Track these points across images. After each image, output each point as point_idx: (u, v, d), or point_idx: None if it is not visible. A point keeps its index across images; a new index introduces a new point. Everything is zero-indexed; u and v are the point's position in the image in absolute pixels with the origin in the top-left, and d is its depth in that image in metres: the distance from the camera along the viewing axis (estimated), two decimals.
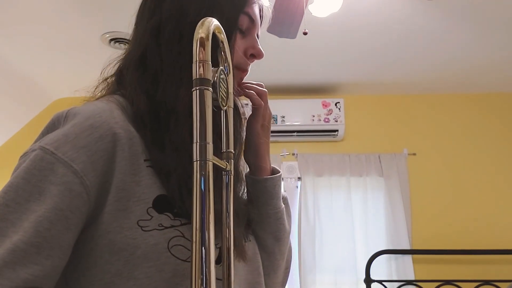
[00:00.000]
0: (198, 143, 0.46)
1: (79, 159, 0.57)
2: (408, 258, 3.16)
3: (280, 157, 3.38)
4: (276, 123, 3.30)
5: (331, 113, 3.32)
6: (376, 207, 3.26)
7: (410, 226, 3.22)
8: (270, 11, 0.81)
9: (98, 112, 0.61)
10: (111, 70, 0.75)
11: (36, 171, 0.56)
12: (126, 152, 0.60)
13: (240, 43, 0.73)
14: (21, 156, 0.61)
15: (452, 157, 3.39)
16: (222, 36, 0.56)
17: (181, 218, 0.61)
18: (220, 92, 0.53)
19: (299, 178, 3.34)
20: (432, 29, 2.60)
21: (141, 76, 0.69)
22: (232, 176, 0.57)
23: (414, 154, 3.39)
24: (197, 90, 0.47)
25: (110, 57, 0.76)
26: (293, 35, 2.16)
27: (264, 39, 0.78)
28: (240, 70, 0.75)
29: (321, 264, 3.14)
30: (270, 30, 2.12)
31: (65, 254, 0.57)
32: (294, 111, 3.33)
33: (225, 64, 0.59)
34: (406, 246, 3.15)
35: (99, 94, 0.73)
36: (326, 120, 3.31)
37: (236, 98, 0.75)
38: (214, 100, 0.51)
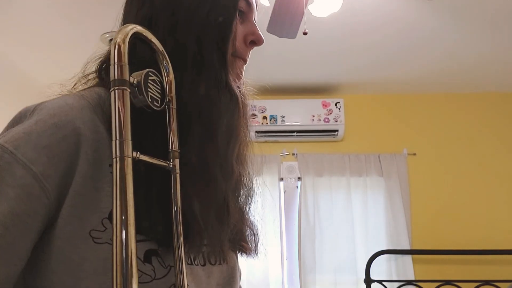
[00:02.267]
0: (117, 140, 0.47)
1: (39, 160, 0.53)
2: (408, 258, 3.16)
3: (280, 157, 3.38)
4: (276, 123, 3.30)
5: (331, 113, 3.32)
6: (376, 207, 3.27)
7: (410, 226, 3.22)
8: (268, 8, 0.78)
9: (65, 110, 0.57)
10: (94, 66, 0.70)
11: None
12: (89, 155, 0.56)
13: (239, 30, 0.69)
14: None
15: (452, 157, 3.39)
16: (151, 36, 0.56)
17: (138, 234, 0.52)
18: (150, 93, 0.53)
19: (299, 178, 3.34)
20: (433, 28, 2.60)
21: (130, 69, 0.65)
22: (177, 174, 0.56)
23: (414, 154, 3.39)
24: (115, 91, 0.48)
25: (91, 54, 0.71)
26: (293, 35, 2.15)
27: (264, 39, 0.75)
28: (241, 58, 0.71)
29: (321, 264, 3.14)
30: (270, 30, 2.12)
31: (22, 260, 0.53)
32: (294, 111, 3.33)
33: (164, 63, 0.58)
34: (406, 246, 3.15)
35: (79, 88, 0.68)
36: (326, 120, 3.31)
37: (239, 86, 0.71)
38: (142, 100, 0.52)
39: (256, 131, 3.30)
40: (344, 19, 2.49)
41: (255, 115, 3.30)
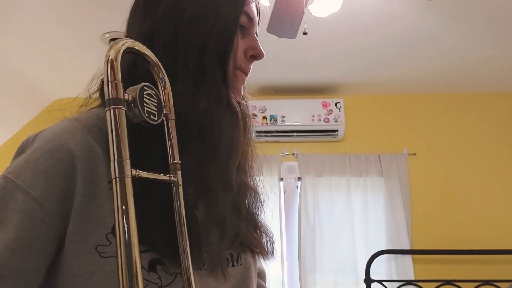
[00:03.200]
0: (116, 161, 0.47)
1: (37, 184, 0.56)
2: (408, 258, 3.16)
3: (280, 157, 3.39)
4: (276, 123, 3.30)
5: (331, 113, 3.32)
6: (376, 207, 3.27)
7: (410, 226, 3.22)
8: (267, 8, 0.79)
9: (58, 135, 0.60)
10: (96, 84, 0.70)
11: None
12: (86, 175, 0.58)
13: (240, 44, 0.69)
14: None
15: (452, 157, 3.39)
16: (144, 49, 0.56)
17: (141, 245, 0.54)
18: (146, 108, 0.53)
19: (299, 178, 3.34)
20: (433, 29, 2.60)
21: (131, 85, 0.65)
22: (180, 187, 0.56)
23: (414, 154, 3.39)
24: (110, 110, 0.49)
25: (97, 70, 0.70)
26: (293, 35, 2.16)
27: (264, 39, 0.75)
28: (242, 71, 0.72)
29: (321, 264, 3.14)
30: (270, 30, 2.12)
31: (34, 279, 0.56)
32: (294, 111, 3.33)
33: (160, 75, 0.58)
34: (406, 246, 3.15)
35: (83, 109, 0.70)
36: (326, 120, 3.31)
37: (239, 101, 0.71)
38: (139, 116, 0.52)
39: (256, 131, 3.29)
40: (344, 19, 2.50)
41: (255, 115, 3.30)
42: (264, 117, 3.31)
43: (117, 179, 0.47)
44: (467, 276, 3.02)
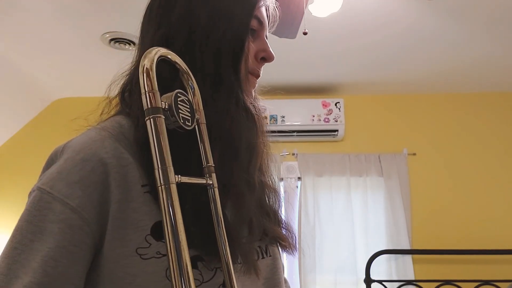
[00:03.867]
0: (160, 168, 0.49)
1: (74, 194, 0.58)
2: (408, 258, 3.16)
3: (280, 157, 3.39)
4: (276, 123, 3.30)
5: (331, 113, 3.32)
6: (376, 207, 3.26)
7: (410, 226, 3.22)
8: (277, 10, 0.80)
9: (88, 144, 0.61)
10: (115, 88, 0.72)
11: (36, 211, 0.58)
12: (119, 181, 0.60)
13: (251, 47, 0.72)
14: (29, 194, 0.62)
15: (452, 157, 3.39)
16: (175, 57, 0.58)
17: None
18: (181, 114, 0.55)
19: (299, 178, 3.34)
20: (433, 29, 2.60)
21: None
22: (215, 189, 0.59)
23: (414, 154, 3.39)
24: (150, 119, 0.50)
25: (115, 74, 0.72)
26: (293, 35, 2.16)
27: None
28: (254, 75, 0.74)
29: (321, 264, 3.14)
30: (270, 30, 2.12)
31: (76, 286, 0.58)
32: (294, 111, 3.33)
33: (189, 82, 0.60)
34: (406, 246, 3.15)
35: (104, 117, 0.71)
36: (326, 120, 3.31)
37: (253, 103, 0.73)
38: (175, 122, 0.54)
39: None
40: (344, 19, 2.50)
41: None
42: (264, 117, 3.31)
43: (163, 186, 0.49)
44: (467, 276, 3.02)
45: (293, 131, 3.34)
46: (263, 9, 0.74)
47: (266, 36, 0.75)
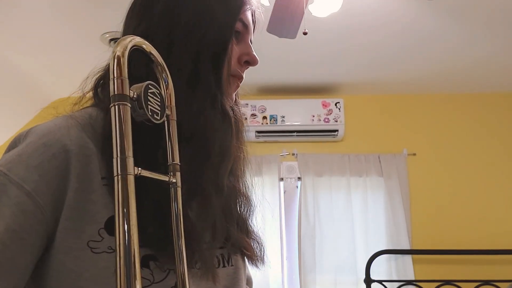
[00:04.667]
0: (118, 157, 0.47)
1: (31, 178, 0.56)
2: (408, 258, 3.16)
3: (280, 157, 3.39)
4: (276, 123, 3.30)
5: (331, 113, 3.32)
6: (376, 207, 3.27)
7: (410, 226, 3.22)
8: (262, 15, 0.78)
9: (53, 130, 0.60)
10: (90, 84, 0.70)
11: None
12: (79, 170, 0.58)
13: (234, 50, 0.71)
14: None
15: (452, 157, 3.39)
16: (150, 47, 0.56)
17: None
18: (150, 106, 0.53)
19: (299, 178, 3.34)
20: (432, 29, 2.60)
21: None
22: (178, 189, 0.56)
23: (414, 154, 3.39)
24: (115, 106, 0.48)
25: (90, 70, 0.71)
26: (293, 35, 2.15)
27: (264, 39, 0.76)
28: (236, 77, 0.73)
29: (321, 264, 3.14)
30: (270, 30, 2.12)
31: (23, 275, 0.56)
32: (294, 111, 3.33)
33: (163, 75, 0.58)
34: (406, 246, 3.15)
35: (76, 108, 0.69)
36: (326, 120, 3.31)
37: (232, 106, 0.72)
38: (142, 114, 0.52)
39: (256, 131, 3.30)
40: (344, 19, 2.49)
41: (255, 115, 3.30)
42: (264, 117, 3.31)
43: (119, 176, 0.46)
44: (467, 276, 3.02)
45: (293, 131, 3.34)
46: (249, 13, 0.73)
47: (251, 40, 0.74)
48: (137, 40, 0.54)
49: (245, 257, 0.74)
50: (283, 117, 3.32)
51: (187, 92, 0.65)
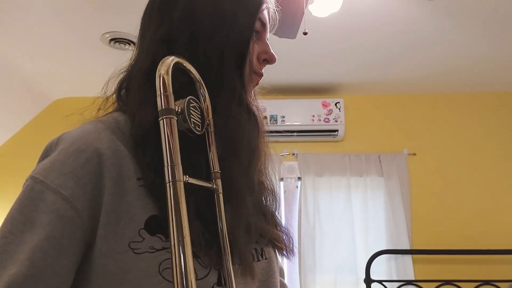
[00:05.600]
0: (169, 166, 0.51)
1: (67, 184, 0.57)
2: (408, 258, 3.16)
3: (280, 157, 3.39)
4: (276, 123, 3.30)
5: (331, 113, 3.32)
6: (376, 207, 3.26)
7: (410, 226, 3.22)
8: (277, 13, 0.81)
9: (84, 136, 0.61)
10: (112, 86, 0.72)
11: (28, 201, 0.57)
12: (114, 173, 0.59)
13: (254, 48, 0.72)
14: (23, 184, 0.61)
15: (452, 157, 3.39)
16: (189, 66, 0.61)
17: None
18: (192, 119, 0.58)
19: (299, 178, 3.34)
20: (433, 29, 2.60)
21: (149, 89, 0.62)
22: (220, 195, 0.61)
23: (414, 154, 3.39)
24: (163, 120, 0.53)
25: (112, 72, 0.72)
26: (293, 35, 2.16)
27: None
28: (257, 74, 0.75)
29: (321, 264, 3.14)
30: (271, 32, 2.12)
31: (65, 281, 0.56)
32: (294, 111, 3.33)
33: (201, 91, 0.63)
34: (406, 246, 3.15)
35: (101, 113, 0.71)
36: (326, 120, 3.31)
37: (255, 104, 0.74)
38: (186, 126, 0.58)
39: None
40: (344, 19, 2.50)
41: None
42: (264, 117, 3.31)
43: (170, 182, 0.51)
44: (467, 276, 3.02)
45: (293, 131, 3.34)
46: (266, 12, 0.74)
47: (267, 38, 0.76)
48: (178, 59, 0.59)
49: (276, 249, 0.75)
50: (283, 117, 3.32)
51: (213, 92, 0.66)
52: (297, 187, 3.35)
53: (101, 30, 2.59)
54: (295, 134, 3.36)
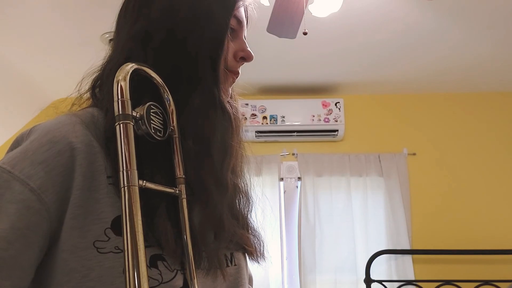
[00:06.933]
0: (124, 170, 0.52)
1: (36, 175, 0.55)
2: (408, 258, 3.16)
3: (280, 157, 3.39)
4: (276, 123, 3.30)
5: (331, 113, 3.32)
6: (376, 207, 3.26)
7: (410, 226, 3.22)
8: (255, 11, 0.78)
9: (58, 127, 0.59)
10: (87, 84, 0.71)
11: None
12: (85, 168, 0.58)
13: (230, 46, 0.71)
14: None
15: (452, 157, 3.39)
16: (150, 71, 0.61)
17: (145, 241, 0.56)
18: (153, 125, 0.58)
19: (299, 178, 3.34)
20: (432, 28, 2.60)
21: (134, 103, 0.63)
22: (183, 200, 0.61)
23: (414, 154, 3.39)
24: (120, 125, 0.53)
25: (85, 71, 0.72)
26: (293, 35, 2.15)
27: (264, 39, 0.77)
28: (232, 72, 0.73)
29: (321, 264, 3.14)
30: (270, 30, 2.12)
31: (27, 274, 0.55)
32: (294, 111, 3.33)
33: (165, 96, 0.63)
34: (406, 246, 3.15)
35: (75, 108, 0.70)
36: (326, 120, 3.31)
37: (229, 102, 0.73)
38: (147, 133, 0.58)
39: (256, 131, 3.30)
40: (344, 19, 2.49)
41: (255, 115, 3.30)
42: (264, 117, 3.31)
43: (125, 187, 0.51)
44: (467, 276, 3.02)
45: (293, 131, 3.34)
46: (242, 9, 0.73)
47: (244, 36, 0.75)
48: (137, 66, 0.58)
49: (246, 254, 0.74)
50: (283, 117, 3.32)
51: (186, 90, 0.65)
52: (297, 187, 3.35)
53: (100, 30, 2.59)
54: (295, 134, 3.36)
